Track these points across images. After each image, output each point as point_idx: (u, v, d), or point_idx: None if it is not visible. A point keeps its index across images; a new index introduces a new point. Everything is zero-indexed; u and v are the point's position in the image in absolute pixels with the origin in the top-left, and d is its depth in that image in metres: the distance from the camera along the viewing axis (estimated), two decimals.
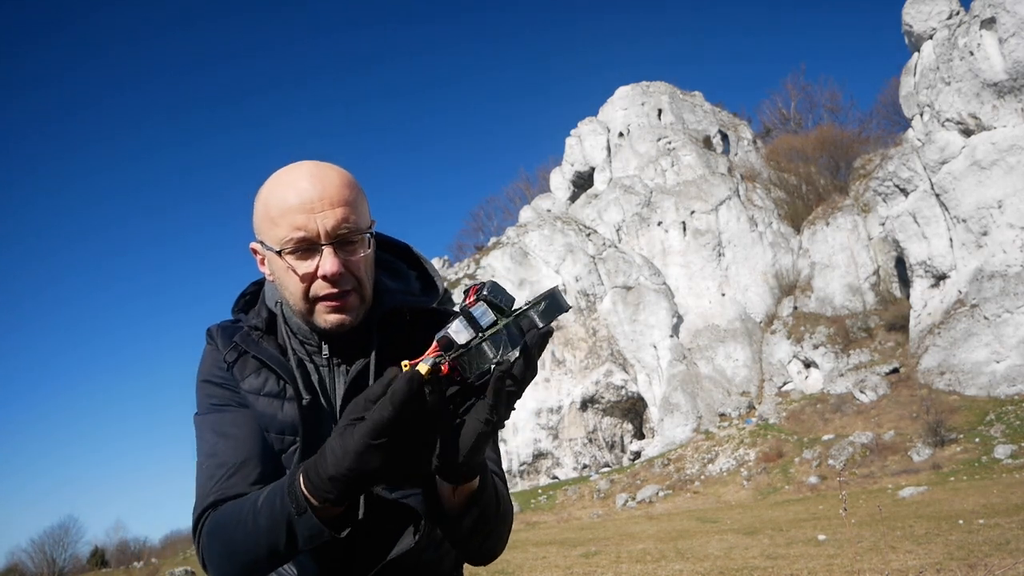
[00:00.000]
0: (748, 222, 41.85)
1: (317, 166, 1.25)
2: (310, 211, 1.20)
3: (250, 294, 1.46)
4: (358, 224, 1.23)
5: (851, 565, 8.50)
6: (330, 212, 1.20)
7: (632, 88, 49.53)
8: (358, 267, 1.25)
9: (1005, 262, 28.59)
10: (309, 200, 1.20)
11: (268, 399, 1.33)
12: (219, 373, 1.36)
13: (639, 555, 12.30)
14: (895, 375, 31.79)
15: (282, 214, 1.21)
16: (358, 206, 1.25)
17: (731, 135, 49.27)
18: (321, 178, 1.23)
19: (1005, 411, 25.59)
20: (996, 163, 28.99)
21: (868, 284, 37.65)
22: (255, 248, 1.31)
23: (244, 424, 1.32)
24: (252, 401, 1.34)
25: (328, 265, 1.21)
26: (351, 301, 1.26)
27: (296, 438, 1.30)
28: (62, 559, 44.48)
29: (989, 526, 10.77)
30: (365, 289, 1.28)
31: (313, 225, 1.20)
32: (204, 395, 1.38)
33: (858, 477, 24.26)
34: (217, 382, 1.36)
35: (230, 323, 1.43)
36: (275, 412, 1.32)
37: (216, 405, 1.35)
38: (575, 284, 40.04)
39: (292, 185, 1.22)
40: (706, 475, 30.02)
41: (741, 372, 37.29)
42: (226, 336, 1.38)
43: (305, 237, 1.21)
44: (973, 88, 29.92)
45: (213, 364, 1.38)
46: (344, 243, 1.23)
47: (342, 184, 1.24)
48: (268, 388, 1.33)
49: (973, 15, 30.29)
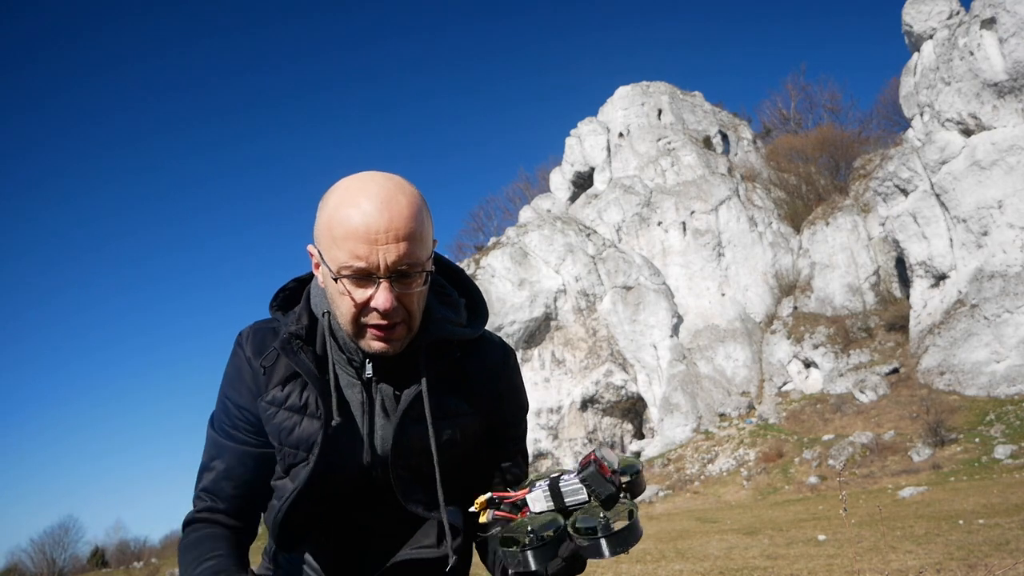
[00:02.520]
0: (748, 222, 41.86)
1: (388, 188, 1.21)
2: (373, 242, 1.18)
3: (290, 290, 1.44)
4: (419, 258, 1.22)
5: (851, 565, 8.50)
6: (393, 247, 1.18)
7: (632, 88, 49.53)
8: (411, 301, 1.25)
9: (1005, 262, 28.59)
10: (375, 231, 1.17)
11: (288, 412, 1.34)
12: (240, 391, 1.39)
13: (639, 555, 12.30)
14: (895, 375, 31.80)
15: (345, 238, 1.19)
16: (422, 238, 1.22)
17: (731, 135, 49.28)
18: (390, 205, 1.19)
19: (1005, 411, 25.59)
20: (996, 163, 28.99)
21: (868, 284, 37.65)
22: (312, 252, 1.30)
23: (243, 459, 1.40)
24: (270, 414, 1.35)
25: (382, 300, 1.20)
26: (398, 332, 1.26)
27: (309, 455, 1.32)
28: (62, 559, 44.52)
29: (989, 526, 10.77)
30: (414, 320, 1.28)
31: (374, 258, 1.18)
32: (221, 411, 1.42)
33: (858, 477, 24.27)
34: (236, 402, 1.39)
35: (265, 323, 1.42)
36: (293, 426, 1.34)
37: (227, 427, 1.41)
38: (575, 284, 40.03)
39: (359, 208, 1.19)
40: (706, 475, 30.02)
41: (741, 372, 37.30)
42: (258, 340, 1.39)
43: (364, 268, 1.19)
44: (973, 88, 29.92)
45: (237, 378, 1.40)
46: (402, 276, 1.22)
47: (410, 215, 1.20)
48: (291, 402, 1.34)
49: (973, 15, 30.29)
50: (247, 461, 1.39)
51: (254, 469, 1.40)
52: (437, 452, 1.31)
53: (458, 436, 1.36)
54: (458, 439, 1.36)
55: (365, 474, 1.35)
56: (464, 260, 46.79)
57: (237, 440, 1.40)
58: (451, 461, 1.36)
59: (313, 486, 1.33)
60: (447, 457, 1.34)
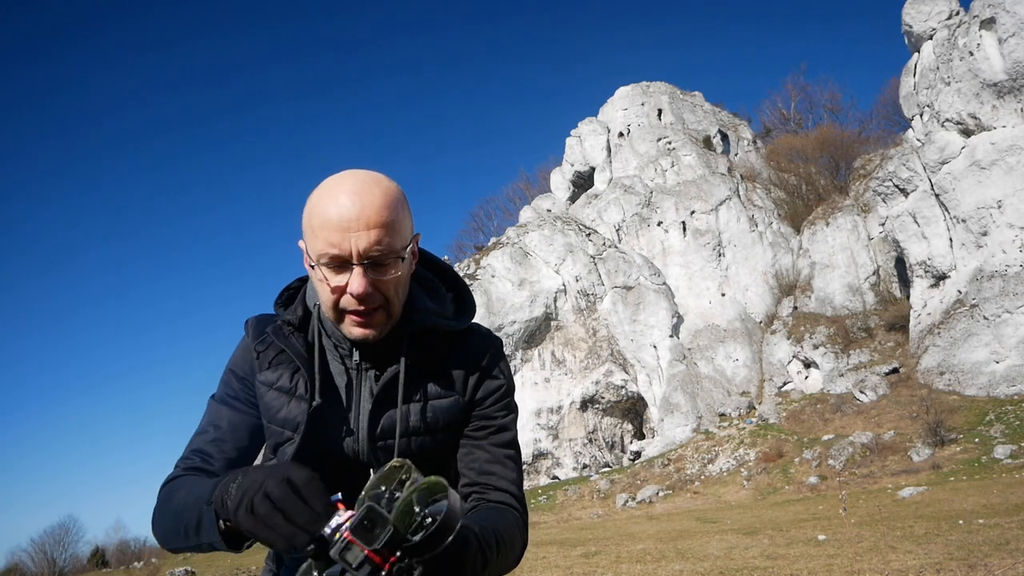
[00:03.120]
0: (748, 222, 41.86)
1: (362, 181, 1.27)
2: (346, 230, 1.23)
3: (293, 289, 1.51)
4: (392, 246, 1.27)
5: (851, 565, 8.51)
6: (364, 233, 1.23)
7: (632, 88, 49.53)
8: (388, 287, 1.30)
9: (1005, 262, 28.59)
10: (347, 219, 1.23)
11: (277, 393, 1.41)
12: (243, 367, 1.47)
13: (639, 555, 12.31)
14: (895, 375, 31.80)
15: (321, 227, 1.25)
16: (396, 227, 1.27)
17: (731, 135, 49.28)
18: (362, 196, 1.25)
19: (1005, 411, 25.60)
20: (996, 163, 28.99)
21: (868, 284, 37.66)
22: (301, 246, 1.36)
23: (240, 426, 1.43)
24: (262, 392, 1.43)
25: (356, 285, 1.26)
26: (378, 317, 1.32)
27: (295, 434, 1.37)
28: (62, 559, 44.45)
29: (989, 526, 10.77)
30: (394, 307, 1.33)
31: (347, 244, 1.24)
32: (224, 382, 1.49)
33: (858, 477, 24.27)
34: (239, 375, 1.47)
35: (268, 316, 1.51)
36: (281, 406, 1.40)
37: (228, 396, 1.46)
38: (575, 284, 40.03)
39: (334, 200, 1.25)
40: (706, 475, 30.02)
41: (741, 372, 37.30)
42: (259, 327, 1.47)
43: (338, 255, 1.25)
44: (973, 88, 29.92)
45: (241, 357, 1.48)
46: (376, 264, 1.27)
47: (382, 205, 1.25)
48: (280, 383, 1.41)
49: (973, 15, 30.29)
50: (244, 429, 1.44)
51: (248, 438, 1.44)
52: (404, 433, 1.36)
53: (436, 420, 1.39)
54: (434, 423, 1.39)
55: (349, 454, 1.40)
56: (464, 260, 46.78)
57: (236, 409, 1.45)
58: (426, 444, 1.40)
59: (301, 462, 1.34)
60: (421, 440, 1.39)
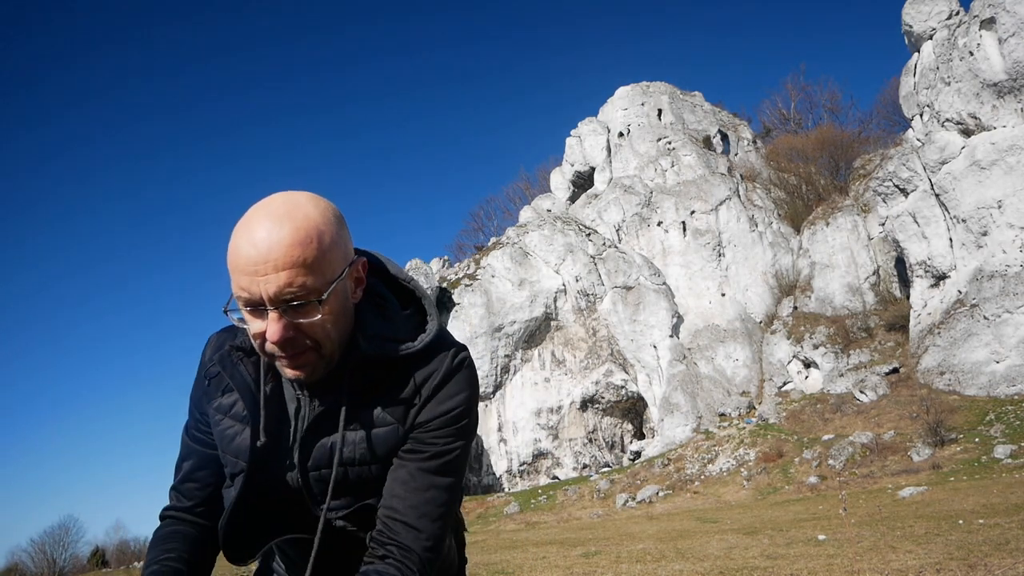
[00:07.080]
0: (748, 222, 41.86)
1: (274, 215, 1.14)
2: (253, 273, 1.12)
3: None
4: (307, 286, 1.14)
5: (851, 565, 8.50)
6: (273, 277, 1.12)
7: (632, 88, 49.53)
8: (313, 329, 1.18)
9: (1005, 262, 28.59)
10: (253, 262, 1.12)
11: (232, 421, 1.35)
12: (196, 395, 1.44)
13: (639, 555, 12.30)
14: (895, 375, 31.80)
15: (233, 269, 1.15)
16: (314, 264, 1.14)
17: (731, 135, 49.27)
18: (270, 233, 1.12)
19: (1005, 411, 25.59)
20: (996, 163, 28.99)
21: (868, 284, 37.66)
22: None
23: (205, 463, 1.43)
24: (216, 420, 1.38)
25: (271, 332, 1.15)
26: (306, 358, 1.21)
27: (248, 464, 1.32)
28: (62, 559, 44.49)
29: (989, 526, 10.77)
30: (324, 347, 1.21)
31: (256, 288, 1.13)
32: (189, 411, 1.48)
33: (858, 477, 24.26)
34: (195, 404, 1.44)
35: (227, 331, 1.42)
36: (234, 435, 1.34)
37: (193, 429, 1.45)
38: (575, 284, 40.03)
39: (245, 238, 1.14)
40: (706, 475, 30.01)
41: (741, 372, 37.29)
42: (216, 347, 1.41)
43: (250, 299, 1.15)
44: (973, 88, 29.92)
45: (196, 384, 1.45)
46: (294, 307, 1.15)
47: (293, 243, 1.12)
48: (235, 411, 1.35)
49: (973, 15, 30.29)
50: (209, 463, 1.43)
51: (212, 476, 1.42)
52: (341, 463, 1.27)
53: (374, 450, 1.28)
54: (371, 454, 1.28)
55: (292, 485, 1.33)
56: (464, 260, 46.80)
57: (199, 442, 1.43)
58: (365, 474, 1.30)
59: (249, 495, 1.32)
60: (359, 470, 1.29)
